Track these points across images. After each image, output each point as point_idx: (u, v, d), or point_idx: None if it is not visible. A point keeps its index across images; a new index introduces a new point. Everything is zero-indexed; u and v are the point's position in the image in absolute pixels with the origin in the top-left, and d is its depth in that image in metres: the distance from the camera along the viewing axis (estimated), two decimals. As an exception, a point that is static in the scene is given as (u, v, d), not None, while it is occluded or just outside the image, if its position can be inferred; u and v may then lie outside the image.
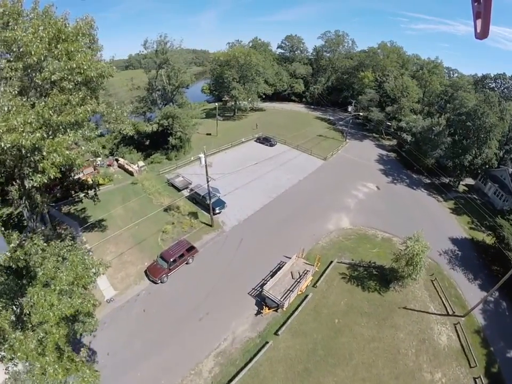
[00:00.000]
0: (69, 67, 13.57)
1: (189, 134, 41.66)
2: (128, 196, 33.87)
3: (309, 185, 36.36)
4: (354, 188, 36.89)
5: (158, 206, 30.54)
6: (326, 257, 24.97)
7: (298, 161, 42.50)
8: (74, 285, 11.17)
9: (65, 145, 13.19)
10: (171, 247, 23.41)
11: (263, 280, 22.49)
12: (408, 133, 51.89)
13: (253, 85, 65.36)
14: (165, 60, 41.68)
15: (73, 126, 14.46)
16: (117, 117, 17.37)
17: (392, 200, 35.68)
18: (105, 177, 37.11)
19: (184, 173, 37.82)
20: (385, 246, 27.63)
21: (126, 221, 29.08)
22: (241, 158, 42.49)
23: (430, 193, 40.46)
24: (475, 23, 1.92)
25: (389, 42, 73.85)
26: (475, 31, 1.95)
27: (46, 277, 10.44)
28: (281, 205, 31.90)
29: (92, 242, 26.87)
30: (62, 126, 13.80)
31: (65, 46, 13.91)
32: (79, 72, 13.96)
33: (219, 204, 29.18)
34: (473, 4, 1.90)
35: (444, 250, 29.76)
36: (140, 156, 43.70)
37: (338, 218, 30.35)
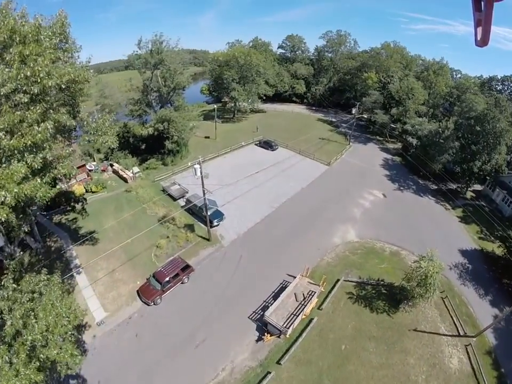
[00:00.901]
0: (23, 76, 11.13)
1: (186, 138, 40.11)
2: (121, 205, 32.42)
3: (312, 194, 34.81)
4: (360, 196, 35.42)
5: (152, 217, 29.10)
6: (332, 275, 23.53)
7: (301, 167, 40.98)
8: (49, 332, 9.70)
9: (16, 179, 10.72)
10: (164, 266, 21.93)
11: (265, 302, 21.04)
12: (414, 136, 50.45)
13: (253, 86, 63.73)
14: (160, 60, 39.61)
15: (32, 150, 11.99)
16: (97, 127, 15.53)
17: (399, 209, 34.25)
18: (98, 185, 35.68)
19: (180, 180, 36.30)
20: (394, 261, 26.24)
21: (118, 234, 27.70)
22: (240, 164, 40.98)
23: (438, 201, 39.08)
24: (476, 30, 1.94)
25: (392, 43, 72.44)
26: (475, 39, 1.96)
27: (15, 328, 8.97)
28: (284, 215, 30.35)
29: (83, 257, 25.55)
30: (18, 150, 11.40)
31: (19, 50, 11.42)
32: (35, 81, 11.51)
33: (217, 216, 27.67)
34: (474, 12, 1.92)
35: (454, 263, 28.48)
36: (134, 161, 42.20)
37: (345, 230, 28.88)
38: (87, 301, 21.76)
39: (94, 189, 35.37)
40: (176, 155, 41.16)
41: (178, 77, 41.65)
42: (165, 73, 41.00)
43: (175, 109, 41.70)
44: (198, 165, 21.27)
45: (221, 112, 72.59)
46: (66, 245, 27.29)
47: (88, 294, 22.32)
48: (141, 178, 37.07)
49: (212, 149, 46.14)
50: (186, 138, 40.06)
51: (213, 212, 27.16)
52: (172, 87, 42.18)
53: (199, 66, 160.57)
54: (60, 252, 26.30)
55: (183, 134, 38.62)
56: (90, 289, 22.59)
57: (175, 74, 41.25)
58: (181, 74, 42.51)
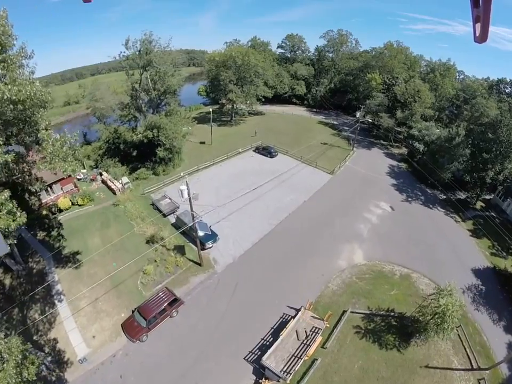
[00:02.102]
0: None
1: (178, 146, 37.78)
2: (108, 220, 30.28)
3: (315, 207, 32.51)
4: (367, 209, 33.25)
5: (140, 236, 26.94)
6: (338, 305, 21.41)
7: (302, 176, 38.71)
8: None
9: None
10: (150, 300, 19.74)
11: (263, 340, 18.91)
12: (421, 141, 48.39)
13: (251, 88, 61.47)
14: (148, 61, 36.64)
15: None
16: (54, 151, 13.11)
17: (408, 224, 32.13)
18: (84, 197, 33.52)
19: (172, 191, 34.04)
20: (405, 286, 24.16)
21: (103, 256, 25.57)
22: (237, 173, 38.74)
23: (447, 212, 37.01)
24: (474, 27, 1.95)
25: (395, 42, 69.95)
26: (474, 35, 1.97)
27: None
28: (284, 234, 28.06)
29: (65, 282, 23.60)
30: None
31: None
32: None
33: (210, 238, 25.40)
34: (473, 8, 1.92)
35: (468, 286, 26.48)
36: (124, 170, 39.91)
37: (351, 250, 26.69)
38: (69, 334, 19.97)
39: (80, 201, 33.27)
40: (168, 164, 38.89)
41: (169, 80, 38.75)
42: (154, 75, 38.14)
43: (167, 114, 39.08)
44: (184, 186, 18.87)
45: (218, 114, 70.32)
46: (49, 266, 25.42)
47: (69, 326, 20.47)
48: (130, 189, 34.86)
49: (207, 156, 43.90)
50: (178, 146, 37.71)
51: (204, 233, 24.99)
52: (162, 90, 39.28)
53: (197, 67, 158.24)
54: (42, 275, 24.38)
55: (174, 142, 36.28)
56: (72, 321, 20.73)
57: (165, 77, 38.45)
58: (172, 77, 39.56)
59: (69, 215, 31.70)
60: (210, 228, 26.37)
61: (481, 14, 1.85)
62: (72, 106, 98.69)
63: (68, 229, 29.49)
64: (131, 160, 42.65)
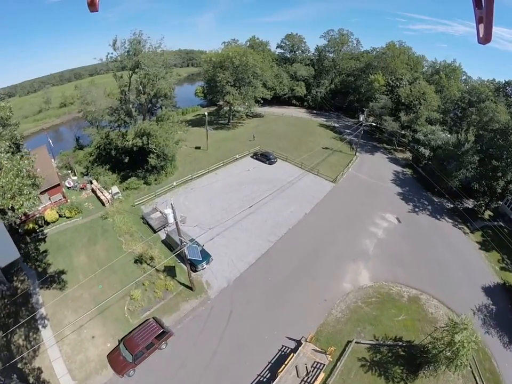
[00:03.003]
0: None
1: (171, 154, 35.98)
2: (96, 235, 28.69)
3: (317, 221, 30.70)
4: (372, 222, 31.61)
5: (128, 255, 25.31)
6: (341, 335, 19.80)
7: (303, 186, 36.95)
8: None
9: None
10: (137, 332, 18.13)
11: (259, 376, 17.31)
12: (426, 146, 46.85)
13: (249, 89, 59.81)
14: (136, 63, 33.77)
15: None
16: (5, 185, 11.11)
17: (415, 238, 30.54)
18: (72, 209, 31.91)
19: (164, 204, 32.41)
20: (413, 310, 22.60)
21: (88, 274, 24.03)
22: (234, 183, 37.03)
23: (455, 223, 35.45)
24: (477, 28, 1.92)
25: (398, 42, 68.29)
26: (478, 36, 1.94)
27: None
28: (284, 253, 26.22)
29: (49, 305, 22.12)
30: None
31: None
32: None
33: (202, 259, 23.51)
34: (475, 9, 1.90)
35: (478, 306, 24.92)
36: (115, 178, 38.22)
37: (356, 271, 25.00)
38: (53, 363, 18.69)
39: (68, 214, 31.70)
40: (161, 172, 37.15)
41: (159, 83, 36.32)
42: (143, 78, 35.69)
43: (158, 119, 37.07)
44: (170, 209, 17.21)
45: (215, 117, 68.78)
46: (33, 287, 24.08)
47: (54, 355, 19.17)
48: (119, 200, 33.21)
49: (203, 163, 42.28)
50: (170, 154, 35.92)
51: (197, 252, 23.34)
52: (152, 94, 37.02)
53: (196, 67, 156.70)
54: (26, 296, 23.04)
55: (166, 149, 34.49)
56: (56, 349, 19.43)
57: (155, 80, 36.12)
58: (163, 79, 37.11)
59: (56, 228, 30.21)
60: (203, 247, 24.64)
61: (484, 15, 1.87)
62: (68, 108, 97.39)
63: (54, 244, 28.06)
64: (123, 167, 40.94)
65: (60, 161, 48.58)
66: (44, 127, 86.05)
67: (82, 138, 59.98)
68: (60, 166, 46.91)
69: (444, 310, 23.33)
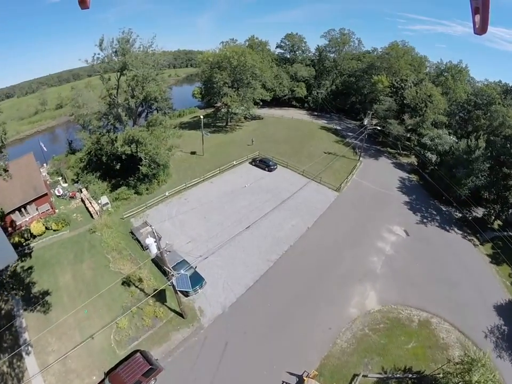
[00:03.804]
0: None
1: (162, 162, 33.94)
2: (83, 252, 26.88)
3: (321, 236, 28.75)
4: (379, 236, 29.79)
5: (116, 275, 23.49)
6: (347, 368, 18.02)
7: (305, 195, 35.03)
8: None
9: None
10: (123, 368, 16.31)
11: (258, 420, 15.60)
12: (433, 151, 45.21)
13: (248, 91, 58.02)
14: (124, 64, 31.15)
15: None
16: None
17: (424, 253, 28.81)
18: (59, 222, 30.10)
19: (155, 215, 30.49)
20: (423, 336, 20.88)
21: (73, 299, 22.57)
22: (231, 192, 35.08)
23: (465, 235, 33.77)
24: (473, 18, 1.94)
25: (401, 43, 66.44)
26: (474, 27, 1.95)
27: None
28: (284, 274, 24.06)
29: (33, 330, 20.31)
30: None
31: None
32: None
33: (195, 283, 21.26)
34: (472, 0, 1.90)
35: (490, 328, 23.19)
36: (105, 187, 36.34)
37: (363, 293, 23.14)
38: None
39: (54, 226, 29.93)
40: (153, 181, 35.20)
41: (149, 85, 33.55)
42: (131, 80, 33.17)
43: (149, 124, 34.76)
44: (152, 238, 15.38)
45: (212, 119, 66.99)
46: (17, 308, 22.49)
47: None
48: (108, 212, 31.35)
49: (198, 170, 40.44)
50: (162, 162, 33.89)
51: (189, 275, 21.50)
52: (141, 97, 34.32)
53: (195, 67, 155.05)
54: (9, 317, 21.43)
55: (157, 158, 32.46)
56: (40, 380, 17.78)
57: (145, 82, 33.47)
58: (154, 81, 34.34)
59: (43, 242, 28.54)
60: (196, 269, 22.70)
61: (480, 5, 1.87)
62: (64, 109, 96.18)
63: (40, 260, 26.37)
64: (114, 174, 39.06)
65: (52, 166, 46.76)
66: (39, 129, 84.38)
67: (75, 142, 58.05)
68: (51, 172, 45.10)
69: (456, 334, 21.76)
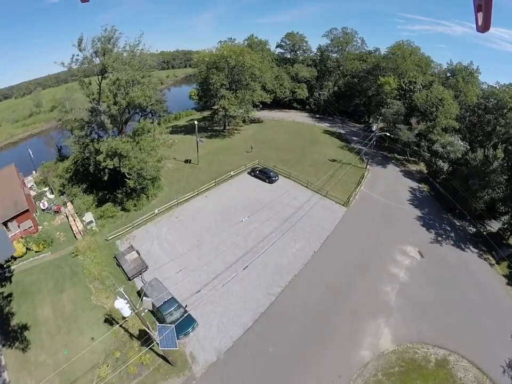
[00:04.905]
0: None
1: (149, 176, 30.91)
2: (64, 279, 24.44)
3: (329, 262, 26.00)
4: (392, 260, 27.25)
5: (98, 310, 21.05)
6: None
7: (310, 212, 32.18)
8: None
9: None
10: None
11: None
12: (445, 159, 42.91)
13: (247, 93, 55.48)
14: (104, 66, 27.63)
15: None
16: None
17: (440, 278, 26.33)
18: (39, 243, 27.66)
19: (142, 237, 27.74)
20: (441, 378, 18.56)
21: (53, 336, 20.48)
22: (227, 209, 32.18)
23: (480, 253, 31.44)
24: (476, 16, 1.93)
25: (406, 42, 63.85)
26: (476, 24, 1.95)
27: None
28: (288, 311, 21.41)
29: (12, 369, 18.27)
30: None
31: None
32: None
33: (186, 326, 18.68)
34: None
35: (508, 361, 20.93)
36: (91, 201, 33.70)
37: (376, 331, 20.62)
38: None
39: (35, 248, 27.53)
40: (141, 196, 32.42)
41: (133, 91, 29.57)
42: (111, 85, 29.64)
43: (135, 133, 31.43)
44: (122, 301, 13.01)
45: (209, 122, 64.36)
46: None
47: None
48: (92, 232, 28.77)
49: (192, 181, 37.80)
50: (149, 176, 30.87)
51: (178, 317, 18.87)
52: (124, 104, 30.36)
53: (193, 68, 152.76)
54: None
55: (144, 172, 29.49)
56: None
57: (128, 86, 29.79)
58: (139, 85, 30.49)
59: (23, 265, 26.24)
60: (186, 309, 20.00)
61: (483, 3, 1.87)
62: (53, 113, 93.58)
63: (20, 287, 24.10)
64: (102, 186, 36.41)
65: (41, 174, 44.28)
66: (33, 132, 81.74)
67: (65, 148, 55.43)
68: (38, 181, 42.56)
69: (473, 372, 19.70)
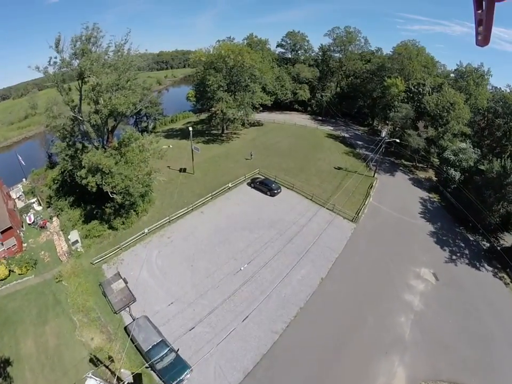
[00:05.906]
0: None
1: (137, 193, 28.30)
2: (46, 309, 22.48)
3: (337, 291, 23.73)
4: (406, 285, 25.21)
5: (83, 347, 19.11)
6: None
7: (316, 230, 29.81)
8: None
9: None
10: None
11: None
12: (457, 168, 41.09)
13: (246, 95, 53.29)
14: (81, 69, 24.73)
15: None
16: None
17: (456, 302, 24.34)
18: (22, 266, 25.80)
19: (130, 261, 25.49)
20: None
21: (36, 374, 18.79)
22: (224, 228, 29.80)
23: (495, 271, 29.57)
24: (476, 30, 1.97)
25: (411, 42, 61.67)
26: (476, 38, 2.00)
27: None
28: (293, 351, 19.08)
29: None
30: None
31: None
32: None
33: (178, 372, 16.62)
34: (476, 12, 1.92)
35: None
36: (78, 216, 31.52)
37: (389, 371, 18.57)
38: None
39: (17, 270, 25.70)
40: (130, 212, 30.03)
41: (116, 98, 26.13)
42: (89, 91, 26.49)
43: (120, 144, 28.91)
44: None
45: (207, 125, 62.22)
46: None
47: None
48: (78, 254, 26.65)
49: (186, 193, 35.56)
50: (137, 192, 28.23)
51: (170, 362, 16.98)
52: (107, 113, 26.91)
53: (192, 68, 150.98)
54: None
55: (130, 189, 26.87)
56: None
57: (111, 92, 26.68)
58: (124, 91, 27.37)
59: (6, 289, 24.50)
60: (178, 353, 17.95)
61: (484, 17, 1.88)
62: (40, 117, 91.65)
63: (2, 313, 22.45)
64: (90, 198, 34.22)
65: (31, 182, 42.28)
66: (27, 135, 79.58)
67: (55, 155, 53.61)
68: (27, 190, 40.51)
69: None
